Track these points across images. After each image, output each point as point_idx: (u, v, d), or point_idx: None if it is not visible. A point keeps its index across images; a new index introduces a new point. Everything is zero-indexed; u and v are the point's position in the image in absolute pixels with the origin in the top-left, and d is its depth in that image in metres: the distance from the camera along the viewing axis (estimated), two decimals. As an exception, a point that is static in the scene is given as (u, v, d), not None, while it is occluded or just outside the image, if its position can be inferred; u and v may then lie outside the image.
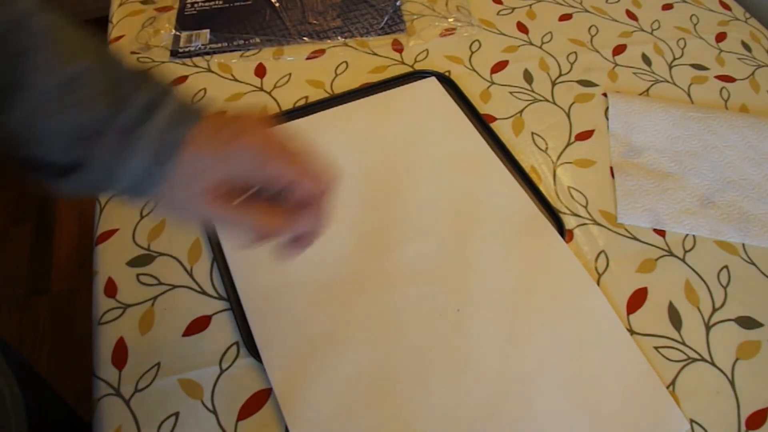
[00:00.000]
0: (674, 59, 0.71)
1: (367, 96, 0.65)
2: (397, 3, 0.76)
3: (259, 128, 0.34)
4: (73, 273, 1.36)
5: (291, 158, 0.34)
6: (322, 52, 0.71)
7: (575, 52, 0.71)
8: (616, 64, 0.70)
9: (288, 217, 0.36)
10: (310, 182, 0.35)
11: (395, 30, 0.73)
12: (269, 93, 0.66)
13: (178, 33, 0.72)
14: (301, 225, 0.36)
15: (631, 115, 0.64)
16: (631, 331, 0.49)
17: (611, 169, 0.60)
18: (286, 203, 0.35)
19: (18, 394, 0.41)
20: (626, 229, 0.56)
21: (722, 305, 0.51)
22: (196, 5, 0.76)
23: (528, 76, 0.68)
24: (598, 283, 0.52)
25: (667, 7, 0.78)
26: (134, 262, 0.52)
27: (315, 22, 0.74)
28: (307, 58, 0.70)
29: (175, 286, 0.51)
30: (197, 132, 0.33)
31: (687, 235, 0.55)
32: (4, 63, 0.31)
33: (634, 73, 0.69)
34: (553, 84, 0.68)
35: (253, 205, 0.35)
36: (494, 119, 0.64)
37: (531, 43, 0.72)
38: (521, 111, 0.65)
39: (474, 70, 0.69)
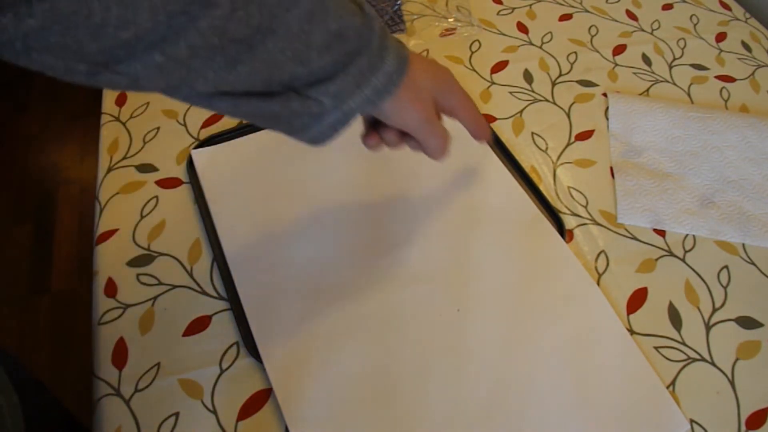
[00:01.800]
0: (674, 59, 0.71)
1: (367, 96, 0.65)
2: (397, 3, 0.76)
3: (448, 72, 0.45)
4: (73, 273, 1.36)
5: (468, 100, 0.46)
6: (322, 52, 0.70)
7: (575, 52, 0.71)
8: (616, 64, 0.70)
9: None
10: (477, 123, 0.48)
11: (395, 30, 0.73)
12: (269, 93, 0.66)
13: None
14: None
15: (631, 115, 0.64)
16: (631, 331, 0.49)
17: (611, 169, 0.60)
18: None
19: (16, 402, 0.41)
20: (626, 229, 0.56)
21: (722, 305, 0.51)
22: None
23: (528, 76, 0.68)
24: (598, 283, 0.52)
25: (667, 7, 0.78)
26: (134, 262, 0.52)
27: (315, 22, 0.74)
28: (307, 58, 0.70)
29: (175, 286, 0.51)
30: (414, 63, 0.40)
31: (687, 235, 0.55)
32: None
33: (634, 73, 0.69)
34: (553, 84, 0.68)
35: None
36: (494, 119, 0.64)
37: (531, 43, 0.72)
38: (521, 111, 0.65)
39: (474, 70, 0.69)
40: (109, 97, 0.65)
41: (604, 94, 0.67)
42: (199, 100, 0.34)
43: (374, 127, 0.45)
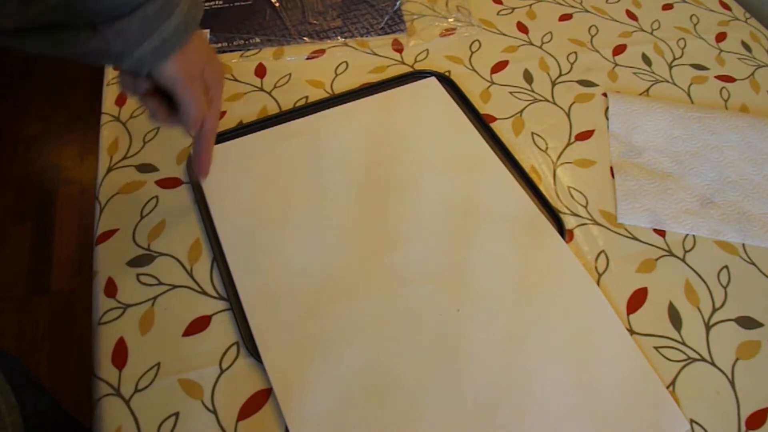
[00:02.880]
0: (674, 59, 0.71)
1: (368, 96, 0.65)
2: (397, 3, 0.76)
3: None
4: (73, 273, 1.36)
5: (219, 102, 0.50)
6: (322, 52, 0.71)
7: (575, 52, 0.71)
8: (616, 64, 0.70)
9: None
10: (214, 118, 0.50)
11: (395, 30, 0.73)
12: (269, 93, 0.66)
13: (178, 33, 0.72)
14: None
15: (631, 115, 0.64)
16: (631, 331, 0.49)
17: (611, 169, 0.60)
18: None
19: (14, 404, 0.41)
20: (626, 229, 0.56)
21: (722, 305, 0.51)
22: (196, 5, 0.76)
23: (528, 76, 0.68)
24: (598, 283, 0.52)
25: (667, 7, 0.78)
26: (134, 262, 0.52)
27: (315, 22, 0.74)
28: (307, 58, 0.70)
29: (175, 286, 0.51)
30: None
31: (687, 235, 0.55)
32: None
33: (634, 73, 0.69)
34: (553, 84, 0.68)
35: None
36: (494, 119, 0.64)
37: (531, 43, 0.72)
38: (521, 111, 0.65)
39: (474, 70, 0.69)
40: (109, 97, 0.65)
41: (604, 94, 0.67)
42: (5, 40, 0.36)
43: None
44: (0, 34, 0.35)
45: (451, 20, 0.74)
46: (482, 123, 0.63)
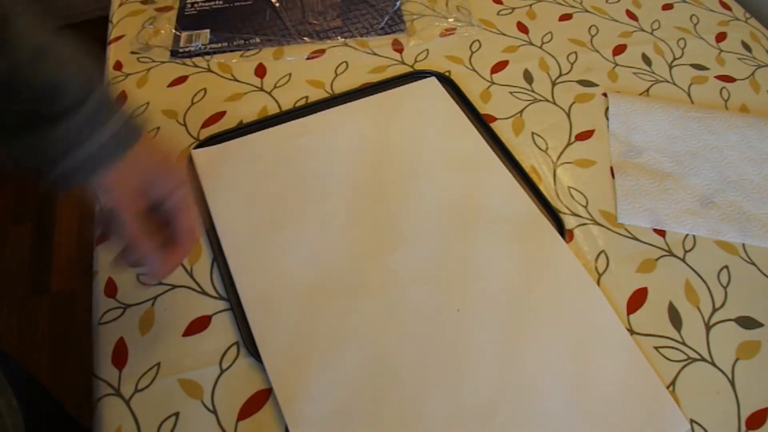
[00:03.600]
0: (674, 59, 0.71)
1: (368, 96, 0.65)
2: (397, 3, 0.76)
3: (177, 162, 0.43)
4: (73, 273, 1.36)
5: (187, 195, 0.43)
6: (322, 52, 0.71)
7: (575, 52, 0.71)
8: (616, 64, 0.70)
9: (157, 249, 0.42)
10: (187, 219, 0.43)
11: (395, 30, 0.73)
12: (269, 93, 0.66)
13: (178, 33, 0.72)
14: (166, 260, 0.42)
15: (631, 115, 0.64)
16: (631, 331, 0.49)
17: (611, 169, 0.60)
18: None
19: (16, 407, 0.41)
20: (626, 229, 0.56)
21: (722, 305, 0.51)
22: (196, 5, 0.76)
23: (528, 76, 0.68)
24: (598, 283, 0.52)
25: (667, 7, 0.78)
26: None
27: (315, 22, 0.74)
28: (307, 58, 0.70)
29: (175, 286, 0.51)
30: (143, 140, 0.40)
31: (687, 235, 0.55)
32: None
33: (634, 73, 0.69)
34: (553, 84, 0.68)
35: (143, 227, 0.41)
36: (494, 119, 0.64)
37: (531, 43, 0.72)
38: (521, 111, 0.65)
39: (474, 70, 0.69)
40: (109, 97, 0.65)
41: (604, 94, 0.67)
42: None
43: None
44: None
45: (451, 20, 0.74)
46: (482, 123, 0.63)
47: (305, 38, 0.72)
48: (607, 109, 0.65)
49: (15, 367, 0.54)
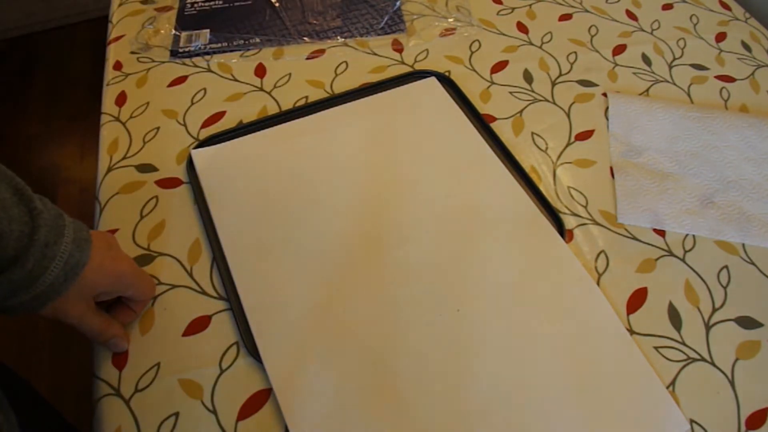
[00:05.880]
0: (674, 59, 0.71)
1: (367, 96, 0.65)
2: (397, 3, 0.76)
3: (125, 258, 0.46)
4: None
5: (142, 285, 0.47)
6: (322, 52, 0.71)
7: (575, 52, 0.71)
8: (616, 64, 0.70)
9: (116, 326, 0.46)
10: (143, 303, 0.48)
11: (395, 30, 0.73)
12: (269, 93, 0.66)
13: (178, 33, 0.72)
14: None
15: (631, 115, 0.64)
16: (631, 331, 0.49)
17: (611, 169, 0.60)
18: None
19: (13, 421, 0.41)
20: (626, 229, 0.56)
21: (722, 305, 0.51)
22: (196, 5, 0.76)
23: (528, 76, 0.68)
24: (598, 283, 0.52)
25: (667, 7, 0.78)
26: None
27: (315, 22, 0.74)
28: (307, 58, 0.70)
29: (175, 286, 0.51)
30: (92, 254, 0.41)
31: (687, 235, 0.55)
32: None
33: (634, 73, 0.69)
34: (553, 84, 0.68)
35: (99, 314, 0.45)
36: (494, 119, 0.64)
37: (531, 43, 0.72)
38: (521, 111, 0.65)
39: (474, 70, 0.69)
40: (109, 97, 0.65)
41: (604, 94, 0.67)
42: None
43: None
44: None
45: (451, 20, 0.74)
46: (482, 123, 0.63)
47: (305, 38, 0.72)
48: (607, 109, 0.65)
49: (12, 378, 0.54)
